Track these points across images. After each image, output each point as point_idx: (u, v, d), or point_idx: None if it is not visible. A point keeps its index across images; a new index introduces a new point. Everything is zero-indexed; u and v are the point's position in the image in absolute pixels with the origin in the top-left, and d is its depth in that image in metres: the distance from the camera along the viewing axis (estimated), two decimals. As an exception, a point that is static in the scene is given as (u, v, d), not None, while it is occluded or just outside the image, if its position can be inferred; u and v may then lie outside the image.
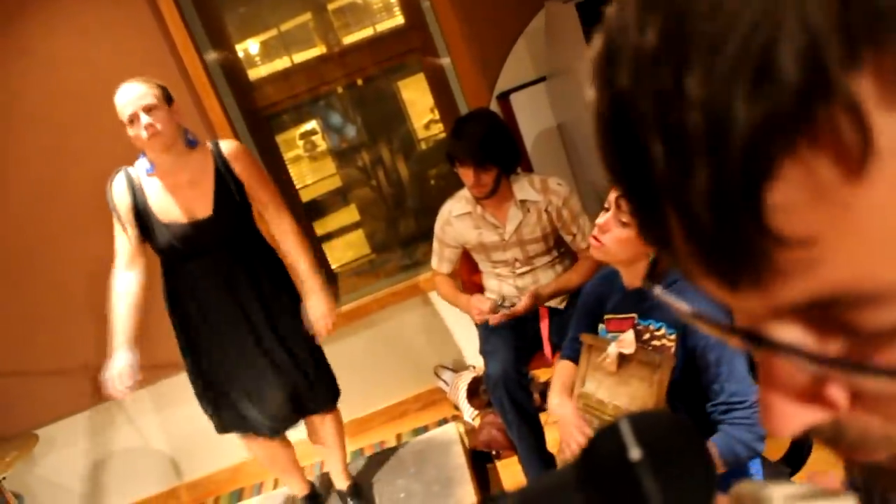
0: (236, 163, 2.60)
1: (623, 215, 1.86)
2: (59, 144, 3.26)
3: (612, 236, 1.88)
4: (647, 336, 1.90)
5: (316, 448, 3.10)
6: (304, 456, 3.85)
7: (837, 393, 0.33)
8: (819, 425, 0.35)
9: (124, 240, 2.60)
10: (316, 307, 2.69)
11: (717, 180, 0.28)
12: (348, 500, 3.09)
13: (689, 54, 0.28)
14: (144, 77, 2.51)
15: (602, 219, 1.91)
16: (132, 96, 2.42)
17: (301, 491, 3.15)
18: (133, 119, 2.43)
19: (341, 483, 3.11)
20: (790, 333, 0.32)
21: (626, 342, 1.90)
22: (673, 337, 1.85)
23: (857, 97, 0.25)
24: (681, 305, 0.37)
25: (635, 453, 0.41)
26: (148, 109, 2.42)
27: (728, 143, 0.27)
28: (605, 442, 0.43)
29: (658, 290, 0.39)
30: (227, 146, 2.63)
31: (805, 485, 0.40)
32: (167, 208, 2.56)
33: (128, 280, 2.60)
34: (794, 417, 0.34)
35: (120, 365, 2.53)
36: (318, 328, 2.68)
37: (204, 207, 2.55)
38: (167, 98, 2.51)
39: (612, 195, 1.90)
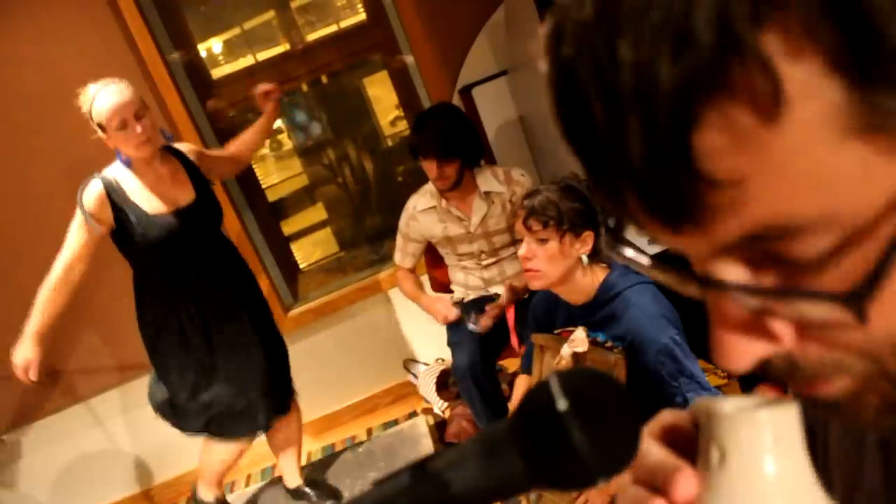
0: (197, 157, 2.75)
1: (537, 234, 1.88)
2: (19, 146, 3.23)
3: (541, 259, 1.90)
4: (595, 346, 1.92)
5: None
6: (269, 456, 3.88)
7: (781, 326, 0.37)
8: (773, 360, 0.38)
9: (81, 241, 2.59)
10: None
11: (648, 131, 0.32)
12: (307, 491, 3.13)
13: (620, 24, 0.31)
14: (119, 79, 2.53)
15: (522, 249, 1.93)
16: (122, 101, 2.43)
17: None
18: (123, 125, 2.43)
19: (294, 481, 3.17)
20: (731, 272, 0.36)
21: (577, 341, 1.90)
22: (619, 350, 1.86)
23: (764, 51, 0.29)
24: (641, 258, 0.41)
25: (562, 404, 0.44)
26: (139, 117, 2.45)
27: (655, 98, 0.31)
28: (535, 396, 0.46)
29: (619, 251, 0.42)
30: (185, 147, 2.79)
31: (755, 397, 0.43)
32: (152, 201, 2.59)
33: (73, 272, 2.60)
34: (743, 352, 0.38)
35: (28, 356, 2.62)
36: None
37: (186, 194, 2.63)
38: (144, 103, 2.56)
39: (519, 224, 1.93)
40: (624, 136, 0.33)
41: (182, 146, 2.77)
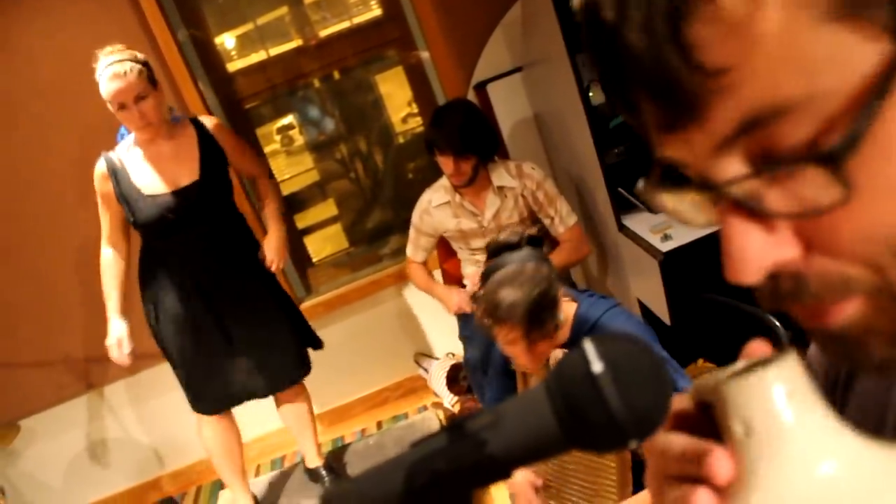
0: (219, 135, 2.73)
1: (512, 338, 1.85)
2: (38, 136, 3.26)
3: (524, 353, 1.88)
4: None
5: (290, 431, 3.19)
6: (278, 446, 3.90)
7: (785, 230, 0.39)
8: (782, 280, 0.40)
9: (106, 220, 2.71)
10: (271, 241, 2.84)
11: (648, 25, 0.36)
12: (323, 473, 3.14)
13: None
14: (128, 53, 2.50)
15: (520, 357, 1.91)
16: (121, 88, 2.42)
17: (244, 500, 3.12)
18: (122, 108, 2.45)
19: (313, 461, 3.17)
20: (731, 167, 0.38)
21: (558, 358, 1.91)
22: None
23: None
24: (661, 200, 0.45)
25: (597, 366, 0.45)
26: (140, 99, 2.45)
27: None
28: (571, 360, 0.48)
29: (641, 188, 0.45)
30: (209, 121, 2.76)
31: (746, 360, 0.45)
32: (152, 181, 2.61)
33: (109, 255, 2.74)
34: (752, 260, 0.39)
35: (118, 333, 2.68)
36: (269, 259, 2.82)
37: (190, 173, 2.62)
38: (153, 80, 2.53)
39: (502, 343, 1.91)
40: (629, 32, 0.37)
41: (207, 120, 2.76)
